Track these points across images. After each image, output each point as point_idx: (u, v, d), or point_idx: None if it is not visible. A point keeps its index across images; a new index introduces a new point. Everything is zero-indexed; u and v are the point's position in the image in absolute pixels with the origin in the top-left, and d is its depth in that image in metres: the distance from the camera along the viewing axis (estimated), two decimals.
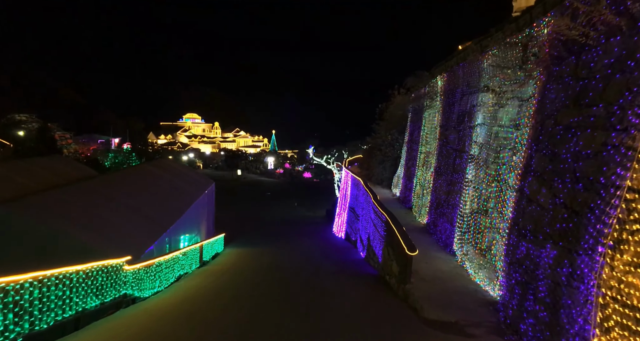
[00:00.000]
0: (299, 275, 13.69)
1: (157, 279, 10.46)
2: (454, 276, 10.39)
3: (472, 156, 11.56)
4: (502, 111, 9.74)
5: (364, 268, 16.89)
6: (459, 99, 13.41)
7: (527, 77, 8.41)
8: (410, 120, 23.32)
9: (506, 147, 9.24)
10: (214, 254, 19.98)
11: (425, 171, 17.81)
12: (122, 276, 8.64)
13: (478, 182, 10.79)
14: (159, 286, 10.65)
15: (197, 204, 21.41)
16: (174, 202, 18.11)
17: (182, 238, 17.91)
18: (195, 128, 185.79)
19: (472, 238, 10.62)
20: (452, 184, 13.18)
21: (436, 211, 14.87)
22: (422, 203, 17.48)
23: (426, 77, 17.25)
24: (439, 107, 15.87)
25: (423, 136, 19.15)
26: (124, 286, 8.77)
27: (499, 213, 9.14)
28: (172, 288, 11.03)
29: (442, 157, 14.83)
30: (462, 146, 12.66)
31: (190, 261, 14.19)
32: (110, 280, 8.39)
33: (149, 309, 8.63)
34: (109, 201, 13.34)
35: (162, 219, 14.86)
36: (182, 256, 12.79)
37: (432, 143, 16.96)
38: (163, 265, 10.85)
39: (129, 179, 17.80)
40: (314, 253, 21.72)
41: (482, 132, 10.97)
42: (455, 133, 13.46)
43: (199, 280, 12.10)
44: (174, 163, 25.34)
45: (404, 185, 22.77)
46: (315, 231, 35.58)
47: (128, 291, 9.01)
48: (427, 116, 18.77)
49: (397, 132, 28.65)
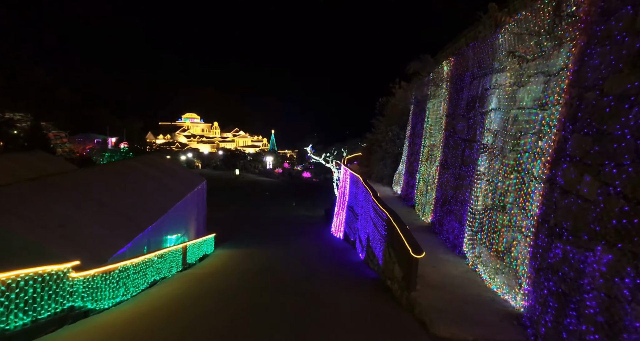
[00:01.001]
0: (291, 280, 12.33)
1: (122, 287, 9.04)
2: (466, 282, 9.02)
3: (484, 145, 10.20)
4: (522, 90, 8.38)
5: (363, 271, 15.53)
6: (469, 83, 12.05)
7: (557, 46, 7.04)
8: (412, 113, 21.96)
9: (528, 132, 7.88)
10: (201, 255, 18.61)
11: (429, 165, 16.45)
12: (67, 285, 7.20)
13: (492, 174, 9.43)
14: (124, 295, 9.24)
15: (185, 202, 20.04)
16: (157, 199, 16.74)
17: (167, 238, 16.53)
18: (194, 128, 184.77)
19: (486, 238, 9.25)
20: (461, 178, 11.81)
21: (442, 209, 13.51)
22: (426, 201, 16.11)
23: (431, 62, 15.92)
24: (445, 95, 14.51)
25: (426, 128, 17.79)
26: (70, 298, 7.32)
27: (520, 208, 7.78)
28: (140, 296, 9.61)
29: (448, 149, 13.47)
30: (472, 135, 11.30)
31: (170, 265, 12.82)
32: (49, 291, 6.91)
33: (101, 324, 7.26)
34: (78, 197, 11.99)
35: (140, 218, 13.50)
36: (158, 259, 11.41)
37: (437, 135, 15.60)
38: (130, 270, 9.45)
39: (108, 174, 16.44)
40: (309, 255, 20.37)
41: (497, 118, 9.61)
42: (464, 121, 12.10)
43: (176, 287, 10.74)
44: (162, 159, 23.99)
45: (405, 182, 21.40)
46: (312, 231, 34.27)
47: (77, 303, 7.51)
48: (430, 106, 17.41)
49: (398, 127, 27.30)
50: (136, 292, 9.79)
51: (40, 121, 74.05)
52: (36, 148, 58.58)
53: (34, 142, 63.26)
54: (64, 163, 19.89)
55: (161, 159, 23.67)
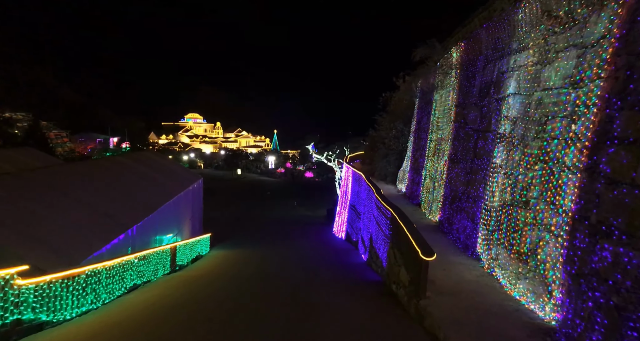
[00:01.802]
0: (287, 284, 11.27)
1: (90, 294, 7.93)
2: (483, 288, 7.94)
3: (501, 135, 9.12)
4: (549, 69, 7.29)
5: (366, 274, 14.46)
6: (482, 68, 10.97)
7: (594, 11, 5.95)
8: (417, 106, 20.87)
9: (557, 115, 6.80)
10: (194, 257, 17.56)
11: (436, 160, 15.36)
12: (10, 295, 6.09)
13: (512, 166, 8.35)
14: (93, 303, 8.15)
15: (178, 200, 19.02)
16: (146, 197, 15.70)
17: (157, 239, 15.50)
18: (197, 128, 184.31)
19: (505, 238, 8.17)
20: (473, 173, 10.73)
21: (451, 206, 12.42)
22: (434, 198, 15.03)
23: (438, 49, 14.84)
24: (454, 84, 13.43)
25: (433, 121, 16.71)
26: (15, 310, 6.18)
27: (547, 203, 6.70)
28: (114, 304, 8.52)
29: (458, 142, 12.39)
30: (486, 125, 10.21)
31: (155, 267, 11.78)
32: None
33: (55, 339, 6.20)
34: (53, 194, 10.96)
35: (123, 216, 12.47)
36: (138, 261, 10.35)
37: (445, 128, 14.52)
38: (103, 274, 8.35)
39: (92, 170, 15.41)
40: (309, 256, 19.30)
41: (516, 103, 8.53)
42: (477, 110, 11.01)
43: (157, 292, 9.68)
44: (155, 156, 22.97)
45: (410, 179, 20.32)
46: (313, 231, 33.22)
47: (26, 315, 6.35)
48: (438, 98, 16.32)
49: (403, 123, 26.22)
50: (110, 299, 8.71)
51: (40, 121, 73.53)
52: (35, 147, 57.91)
53: (33, 141, 62.66)
54: (52, 160, 18.91)
55: (154, 155, 22.66)
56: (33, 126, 66.32)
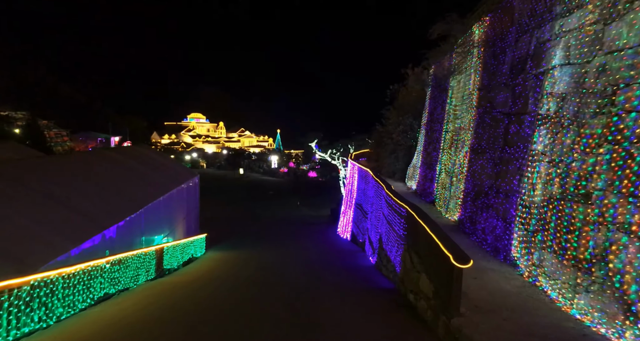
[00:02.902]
0: (285, 291, 9.74)
1: (39, 310, 6.24)
2: (528, 302, 6.38)
3: (543, 116, 7.56)
4: (618, 25, 5.73)
5: (375, 279, 12.92)
6: (513, 42, 9.40)
7: None
8: (429, 96, 19.30)
9: (633, 81, 5.24)
10: (187, 259, 16.06)
11: (454, 153, 13.80)
12: None
13: (560, 152, 6.79)
14: (43, 321, 6.46)
15: (170, 198, 17.52)
16: (132, 194, 14.20)
17: (143, 239, 14.00)
18: (199, 128, 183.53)
19: (554, 240, 6.62)
20: (504, 163, 9.17)
21: (475, 203, 10.86)
22: (451, 195, 13.47)
23: (458, 25, 13.26)
24: (477, 65, 11.86)
25: (449, 110, 15.15)
26: None
27: (624, 196, 5.14)
28: (72, 320, 6.89)
29: (483, 130, 10.82)
30: (521, 106, 8.65)
31: (135, 272, 10.27)
32: None
33: None
34: (18, 189, 9.49)
35: (102, 215, 10.97)
36: (111, 267, 8.81)
37: (464, 115, 12.95)
38: (58, 284, 6.73)
39: (72, 163, 13.94)
40: (311, 258, 17.77)
41: (565, 76, 6.97)
42: (507, 91, 9.45)
43: (131, 303, 8.17)
44: (149, 151, 21.49)
45: (422, 175, 18.75)
46: (317, 231, 31.70)
47: None
48: (455, 84, 14.76)
49: (412, 116, 24.65)
50: (68, 314, 7.18)
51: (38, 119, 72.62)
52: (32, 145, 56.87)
53: (31, 139, 61.68)
54: (34, 154, 17.50)
55: (147, 151, 21.20)
56: (31, 124, 65.40)
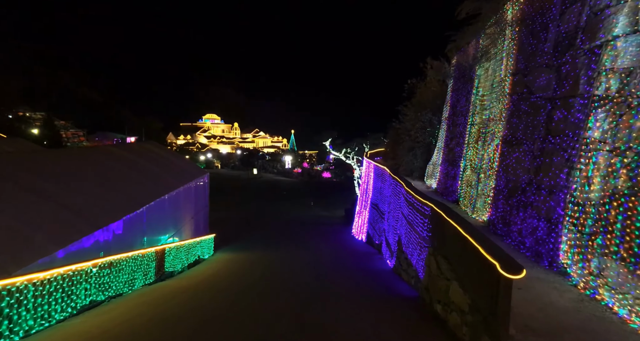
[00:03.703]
0: (293, 299, 8.65)
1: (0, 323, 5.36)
2: (592, 322, 5.17)
3: (600, 97, 6.35)
4: None
5: (394, 285, 11.76)
6: (557, 15, 8.17)
7: None
8: (451, 88, 18.04)
9: None
10: (192, 261, 15.11)
11: (481, 147, 12.56)
12: None
13: (627, 139, 5.58)
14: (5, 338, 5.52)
15: (177, 196, 16.61)
16: (134, 191, 13.30)
17: (145, 240, 13.07)
18: (214, 129, 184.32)
19: (620, 245, 5.40)
20: (548, 155, 7.95)
21: (509, 202, 9.64)
22: (478, 193, 12.23)
23: (488, 6, 12.03)
24: (510, 48, 10.62)
25: (475, 101, 13.91)
26: None
27: None
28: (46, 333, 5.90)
29: (518, 119, 9.59)
30: (570, 88, 7.42)
31: (130, 276, 9.31)
32: None
33: None
34: (2, 185, 8.60)
35: (97, 213, 10.05)
36: (100, 270, 7.82)
37: (494, 105, 11.71)
38: (28, 292, 5.69)
39: (69, 158, 13.11)
40: (324, 261, 16.68)
41: (632, 46, 5.76)
42: (551, 72, 8.22)
43: (119, 313, 7.16)
44: (156, 148, 20.64)
45: (443, 173, 17.50)
46: (331, 232, 30.60)
47: None
48: (482, 72, 13.52)
49: (431, 112, 23.38)
50: (41, 326, 6.20)
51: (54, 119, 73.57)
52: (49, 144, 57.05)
53: (47, 139, 62.32)
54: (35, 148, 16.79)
55: (155, 147, 20.37)
56: (47, 124, 66.14)
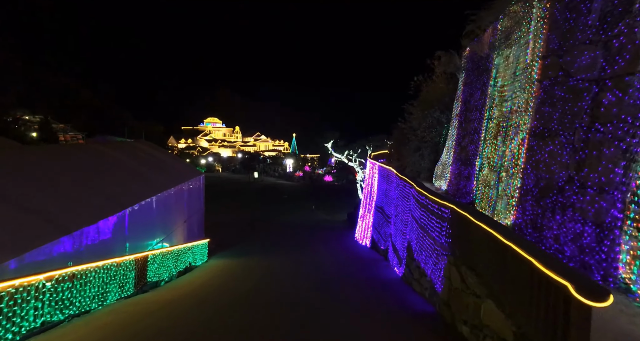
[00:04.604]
0: (290, 315, 7.33)
1: None
2: None
3: None
4: None
5: (407, 297, 10.43)
6: None
7: None
8: (463, 82, 16.76)
9: None
10: (182, 269, 13.81)
11: (502, 142, 11.27)
12: None
13: None
14: None
15: (166, 198, 15.33)
16: (116, 192, 12.02)
17: (127, 246, 11.78)
18: (215, 132, 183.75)
19: None
20: (594, 146, 6.66)
21: (540, 203, 8.33)
22: (499, 193, 10.92)
23: None
24: (539, 27, 9.35)
25: (493, 93, 12.63)
26: None
27: None
28: None
29: (552, 106, 8.30)
30: (625, 65, 6.14)
31: (100, 290, 7.98)
32: None
33: None
34: None
35: (66, 217, 8.78)
36: (54, 285, 6.48)
37: (518, 95, 10.42)
38: None
39: (42, 155, 11.85)
40: (326, 268, 15.37)
41: None
42: (597, 49, 6.95)
43: (77, 336, 5.91)
44: (147, 147, 19.38)
45: (455, 173, 16.20)
46: (333, 237, 29.28)
47: None
48: (501, 61, 12.25)
49: (439, 110, 22.09)
50: None
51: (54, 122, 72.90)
52: None
53: (44, 142, 61.43)
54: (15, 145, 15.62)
55: (144, 146, 19.11)
56: (43, 127, 65.41)
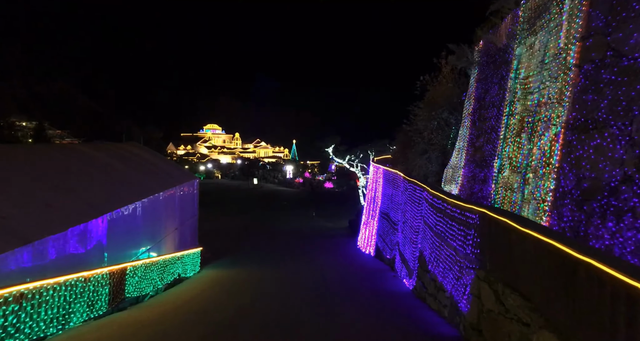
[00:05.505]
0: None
1: None
2: None
3: None
4: None
5: (422, 315, 9.10)
6: None
7: None
8: (476, 78, 15.56)
9: None
10: (170, 281, 12.50)
11: (528, 140, 10.01)
12: None
13: None
14: None
15: (154, 203, 14.05)
16: (95, 196, 10.75)
17: (106, 256, 10.48)
18: (215, 139, 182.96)
19: None
20: None
21: (584, 207, 7.05)
22: (525, 197, 9.64)
23: None
24: (575, 6, 8.14)
25: (513, 87, 11.42)
26: None
27: None
28: None
29: (597, 94, 7.07)
30: None
31: (62, 311, 6.69)
32: None
33: None
34: None
35: (29, 224, 7.51)
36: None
37: (549, 85, 9.19)
38: None
39: (12, 156, 10.59)
40: (327, 280, 14.04)
41: None
42: None
43: None
44: (137, 149, 18.13)
45: (467, 177, 14.94)
46: (334, 244, 27.94)
47: None
48: (523, 51, 11.06)
49: (447, 111, 20.92)
50: None
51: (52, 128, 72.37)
52: None
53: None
54: None
55: (134, 148, 17.85)
56: (38, 133, 64.77)
